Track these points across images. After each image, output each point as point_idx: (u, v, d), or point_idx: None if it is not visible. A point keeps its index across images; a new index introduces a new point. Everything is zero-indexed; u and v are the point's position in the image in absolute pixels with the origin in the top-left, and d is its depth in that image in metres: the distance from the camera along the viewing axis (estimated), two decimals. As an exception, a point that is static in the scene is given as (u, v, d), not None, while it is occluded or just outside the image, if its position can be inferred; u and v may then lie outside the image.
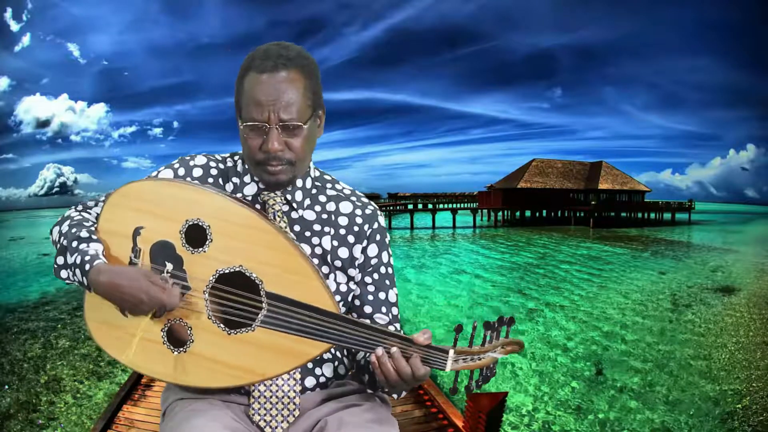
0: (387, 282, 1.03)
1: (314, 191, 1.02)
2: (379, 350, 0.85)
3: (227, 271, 0.87)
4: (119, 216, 0.89)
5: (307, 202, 1.00)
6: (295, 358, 0.88)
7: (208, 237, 0.87)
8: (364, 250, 1.01)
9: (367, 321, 0.90)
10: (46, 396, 5.85)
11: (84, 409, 5.46)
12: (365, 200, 1.05)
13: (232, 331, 0.88)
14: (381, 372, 0.85)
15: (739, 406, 5.93)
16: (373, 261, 1.02)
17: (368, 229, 1.02)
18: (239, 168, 1.00)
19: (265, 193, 0.97)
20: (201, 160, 1.00)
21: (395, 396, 0.96)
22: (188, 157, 1.00)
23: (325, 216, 1.00)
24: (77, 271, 0.84)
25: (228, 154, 1.03)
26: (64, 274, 0.87)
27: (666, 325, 9.57)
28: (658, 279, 14.91)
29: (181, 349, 0.88)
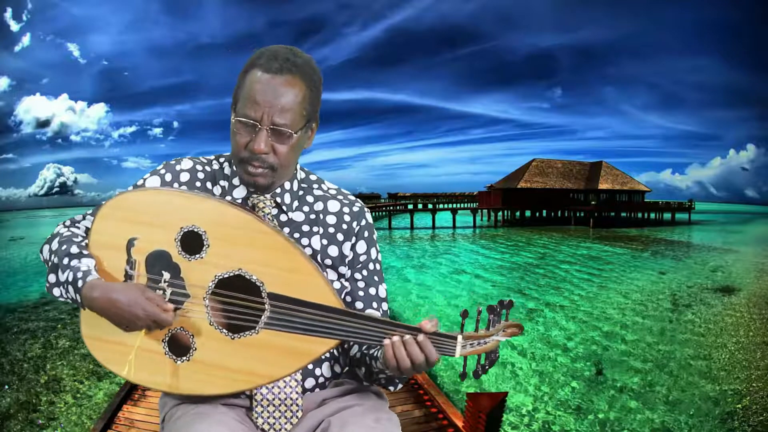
0: (376, 278, 1.04)
1: (301, 192, 1.02)
2: (395, 338, 0.85)
3: (227, 276, 0.86)
4: (111, 228, 0.87)
5: (296, 203, 1.00)
6: (302, 356, 0.88)
7: (205, 243, 0.86)
8: (353, 247, 1.02)
9: (376, 313, 0.89)
10: (46, 396, 5.85)
11: (84, 409, 5.46)
12: (352, 198, 1.05)
13: (236, 335, 0.87)
14: (394, 358, 0.84)
15: (739, 406, 5.92)
16: (362, 257, 1.03)
17: (356, 226, 1.02)
18: (227, 170, 0.99)
19: (255, 196, 0.96)
20: (187, 163, 0.98)
21: (392, 388, 0.97)
22: (173, 162, 0.98)
23: (313, 216, 1.00)
24: (70, 288, 0.82)
25: (213, 156, 1.02)
26: (56, 292, 0.85)
27: (666, 325, 9.57)
28: (658, 279, 14.91)
29: (184, 357, 0.87)
